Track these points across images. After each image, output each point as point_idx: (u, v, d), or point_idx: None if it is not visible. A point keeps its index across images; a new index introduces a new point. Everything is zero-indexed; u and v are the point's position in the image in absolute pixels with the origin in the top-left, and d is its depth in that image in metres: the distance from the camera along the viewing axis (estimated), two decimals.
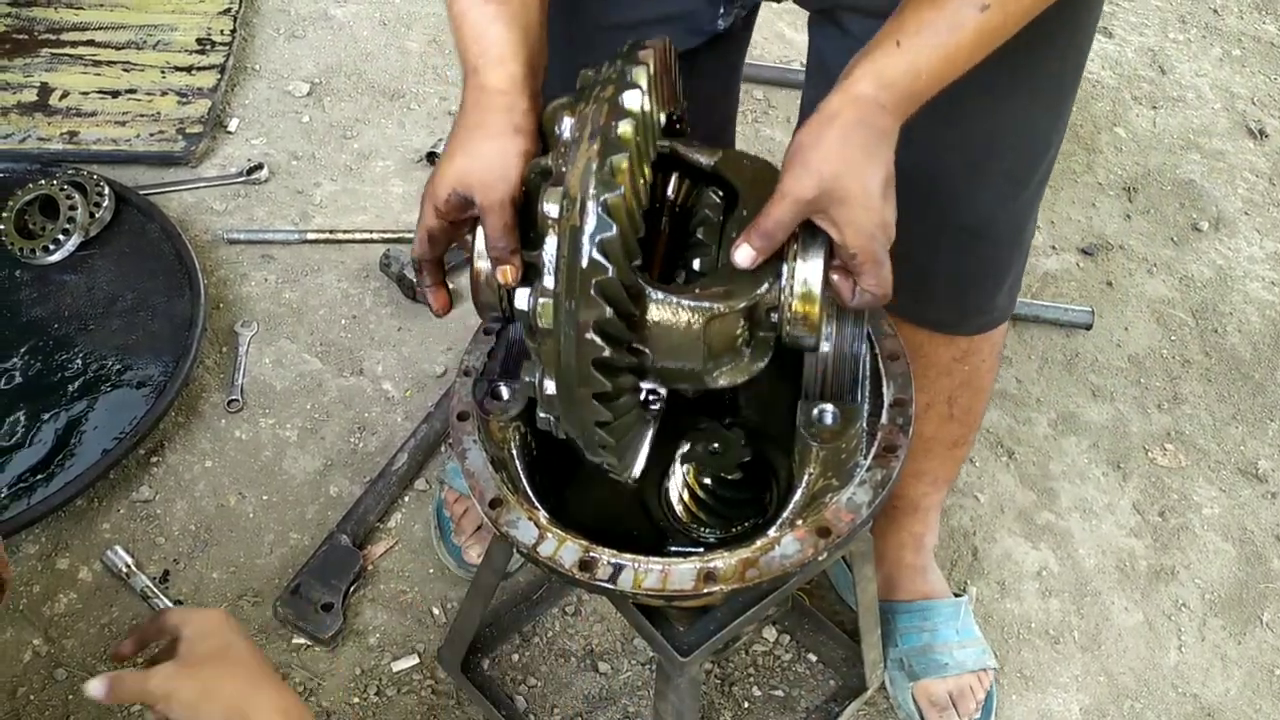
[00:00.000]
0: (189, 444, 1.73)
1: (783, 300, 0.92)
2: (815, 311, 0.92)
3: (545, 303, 0.85)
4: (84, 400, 1.71)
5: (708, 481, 1.13)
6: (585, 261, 0.82)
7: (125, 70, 2.23)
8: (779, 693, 1.54)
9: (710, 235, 0.97)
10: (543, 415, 0.97)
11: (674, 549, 1.15)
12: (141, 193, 2.01)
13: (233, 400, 1.78)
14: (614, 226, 0.82)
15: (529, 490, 1.06)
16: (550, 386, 0.91)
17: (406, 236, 2.05)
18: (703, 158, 0.98)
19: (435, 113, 2.30)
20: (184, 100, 2.20)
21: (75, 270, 1.88)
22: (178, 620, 1.03)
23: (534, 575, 1.60)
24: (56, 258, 1.88)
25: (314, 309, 1.94)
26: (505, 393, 1.06)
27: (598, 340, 0.84)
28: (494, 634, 1.54)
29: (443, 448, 1.76)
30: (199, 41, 2.31)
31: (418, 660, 1.53)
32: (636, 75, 0.88)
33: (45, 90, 2.18)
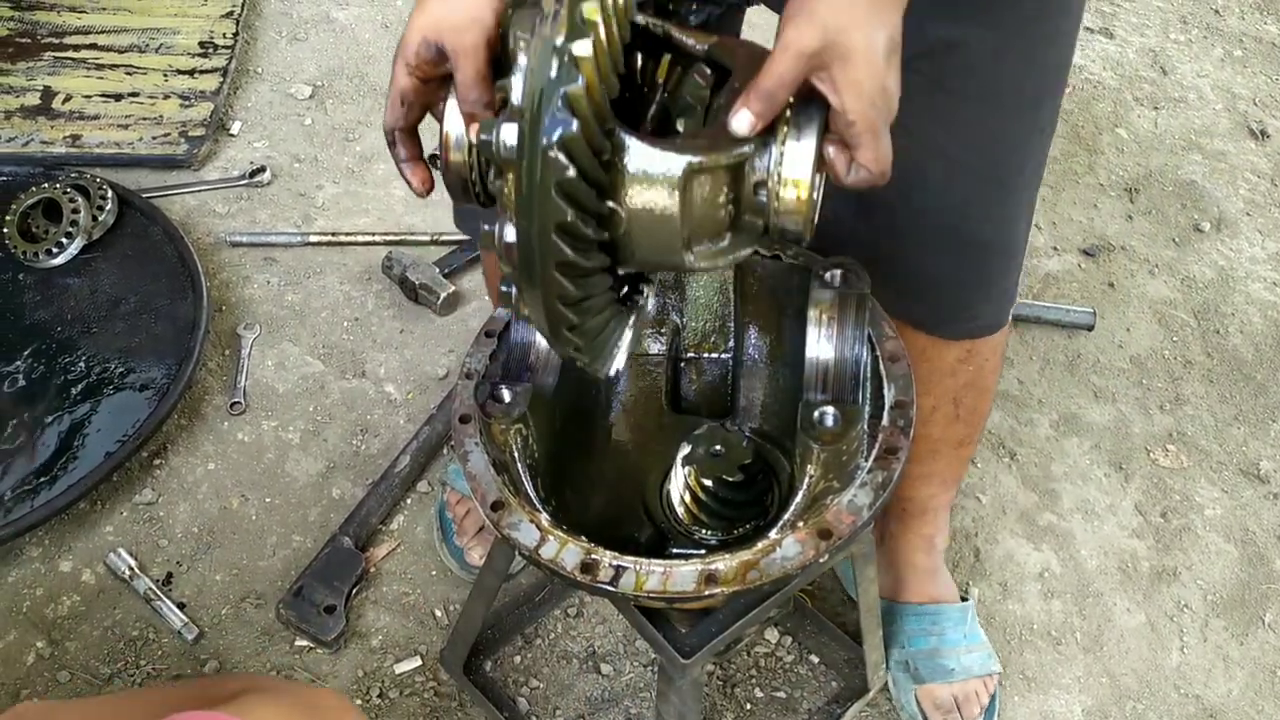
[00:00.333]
0: (192, 446, 1.73)
1: (771, 179, 0.84)
2: (806, 193, 0.84)
3: (510, 127, 0.76)
4: (87, 403, 1.71)
5: (709, 483, 1.13)
6: (555, 72, 0.74)
7: (128, 73, 2.23)
8: (781, 694, 1.54)
9: (698, 104, 0.88)
10: (504, 289, 0.87)
11: (675, 551, 1.15)
12: (144, 196, 2.01)
13: (235, 403, 1.78)
14: (589, 38, 0.73)
15: (531, 493, 1.06)
16: (511, 232, 0.80)
17: (409, 239, 2.05)
18: (696, 41, 0.89)
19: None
20: (186, 103, 2.20)
21: (78, 273, 1.88)
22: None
23: (536, 577, 1.60)
24: (60, 261, 1.88)
25: (316, 311, 1.94)
26: (507, 395, 1.06)
27: (567, 168, 0.75)
28: (496, 636, 1.55)
29: (444, 450, 1.76)
30: (201, 45, 2.31)
31: (420, 662, 1.53)
32: None
33: (48, 94, 2.18)
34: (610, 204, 0.81)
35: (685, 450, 1.16)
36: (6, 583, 1.55)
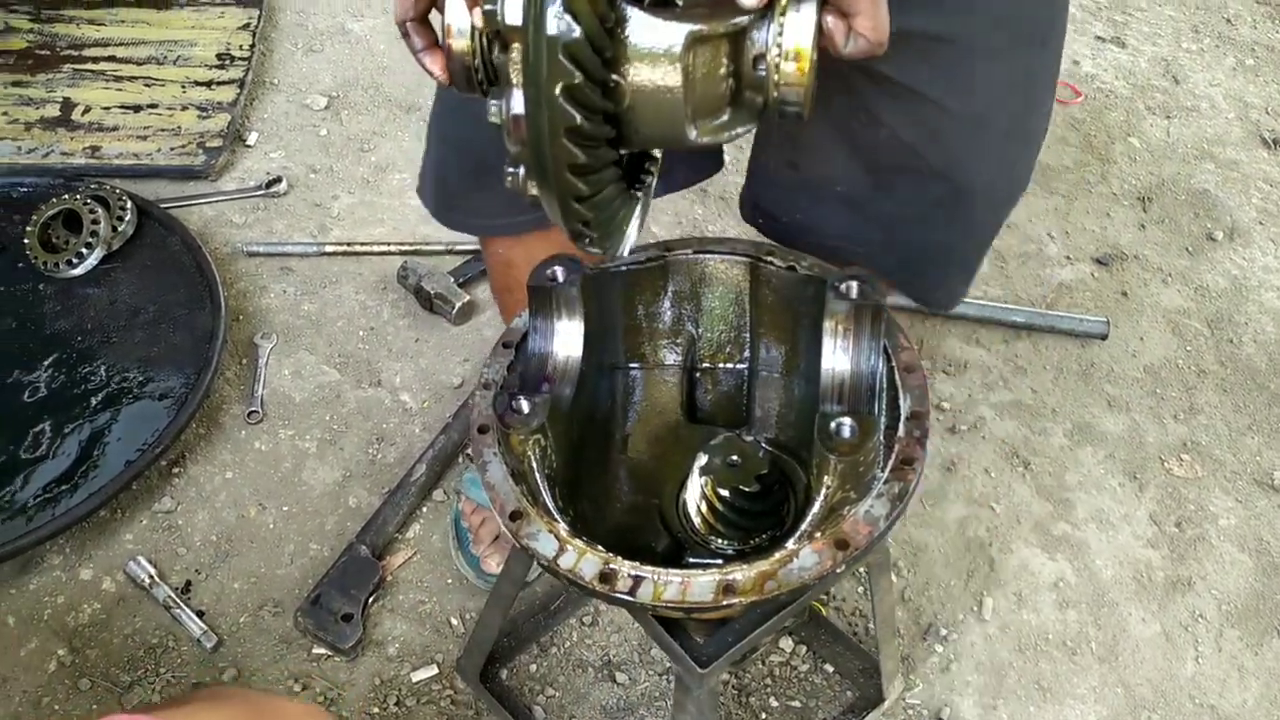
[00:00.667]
0: (210, 455, 1.75)
1: (770, 51, 0.84)
2: (805, 65, 0.84)
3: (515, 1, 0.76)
4: (107, 412, 1.72)
5: (725, 493, 1.14)
6: None
7: (146, 85, 2.26)
8: (796, 704, 1.54)
9: None
10: (509, 171, 0.86)
11: (692, 561, 1.16)
12: (163, 206, 2.03)
13: (253, 411, 1.80)
14: None
15: (549, 502, 1.07)
16: (518, 102, 0.80)
17: (424, 249, 2.07)
18: None
19: None
20: (204, 115, 2.22)
21: (98, 283, 1.90)
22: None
23: (551, 586, 1.61)
24: (79, 271, 1.90)
25: (332, 321, 1.96)
26: (526, 406, 1.07)
27: (573, 30, 0.75)
28: (512, 644, 1.55)
29: (460, 459, 1.77)
30: (219, 56, 2.33)
31: (437, 670, 1.54)
32: None
33: (68, 105, 2.20)
34: (614, 77, 0.81)
35: (702, 460, 1.16)
36: (28, 590, 1.57)
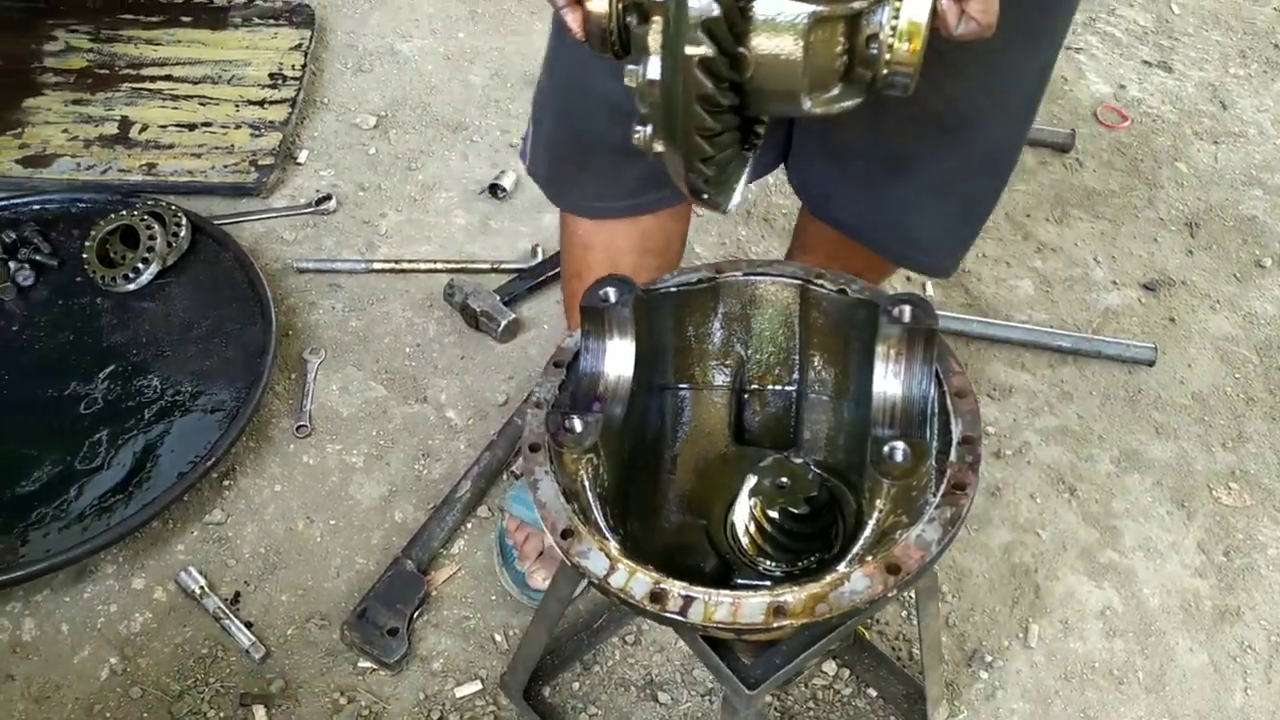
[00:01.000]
0: (259, 468, 1.77)
1: (884, 31, 0.91)
2: (918, 45, 0.91)
3: None
4: (160, 424, 1.76)
5: (775, 515, 1.14)
6: None
7: (201, 104, 2.30)
8: None
9: None
10: (636, 129, 0.94)
11: (741, 582, 1.16)
12: (215, 223, 2.07)
13: (301, 426, 1.82)
14: None
15: (600, 521, 1.08)
16: (655, 69, 0.88)
17: (469, 267, 2.09)
18: None
19: (497, 145, 2.35)
20: (256, 133, 2.26)
21: (153, 298, 1.94)
22: None
23: (595, 603, 1.61)
24: (135, 286, 1.93)
25: (379, 337, 1.98)
26: (579, 425, 1.08)
27: (711, 7, 0.83)
28: (555, 662, 1.56)
29: (504, 476, 1.78)
30: (271, 76, 2.37)
31: (480, 686, 1.55)
32: None
33: (126, 123, 2.25)
34: (741, 50, 0.90)
35: (751, 482, 1.17)
36: (82, 599, 1.60)
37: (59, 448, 1.71)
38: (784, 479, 1.14)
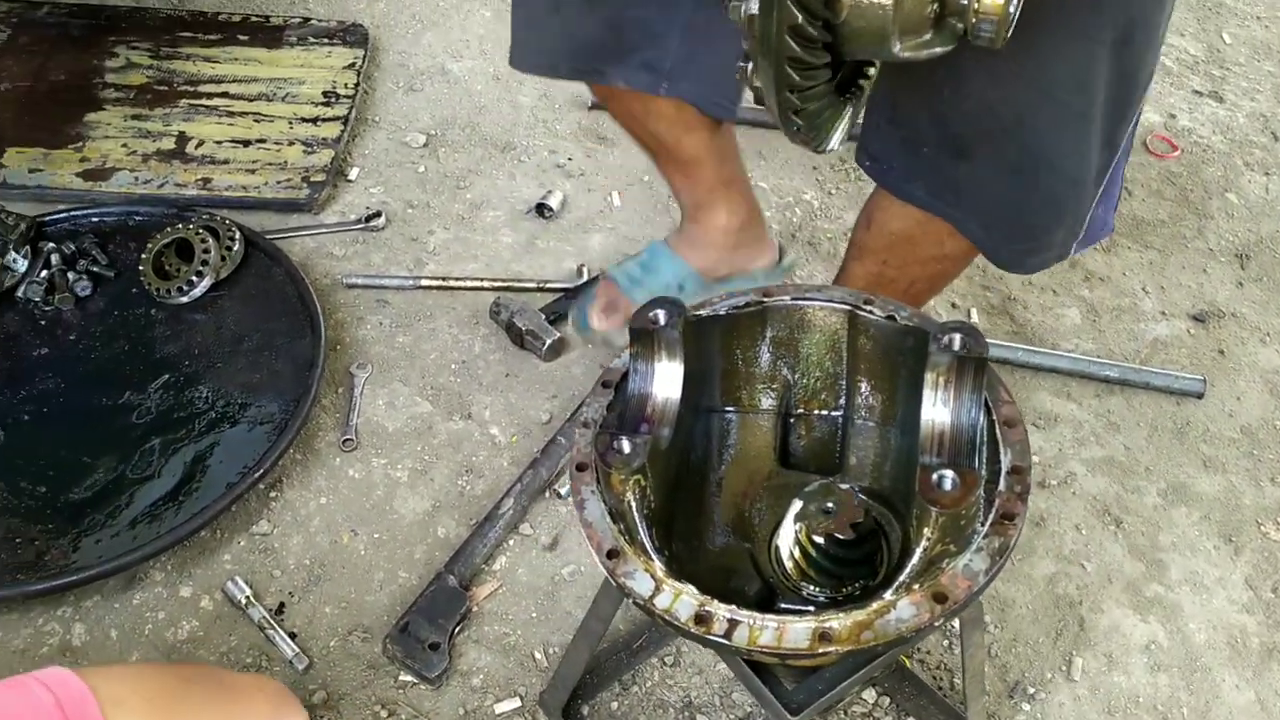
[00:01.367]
0: (305, 480, 1.79)
1: None
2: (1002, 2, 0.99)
3: None
4: (210, 435, 1.78)
5: (820, 540, 1.14)
6: None
7: (256, 121, 2.34)
8: None
9: None
10: (740, 65, 1.02)
11: (784, 606, 1.16)
12: (268, 237, 2.10)
13: (347, 439, 1.85)
14: None
15: (646, 542, 1.09)
16: (755, 3, 0.95)
17: (515, 285, 2.11)
18: None
19: (545, 165, 2.37)
20: (309, 150, 2.30)
21: (205, 310, 1.97)
22: None
23: (635, 623, 1.62)
24: (189, 298, 1.97)
25: (425, 353, 2.00)
26: (627, 446, 1.09)
27: None
28: (594, 681, 1.56)
29: (546, 494, 1.79)
30: (324, 94, 2.42)
31: (520, 703, 1.55)
32: None
33: (183, 139, 2.30)
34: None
35: (797, 506, 1.17)
36: (131, 605, 1.62)
37: (112, 456, 1.75)
38: (830, 504, 1.14)
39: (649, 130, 1.70)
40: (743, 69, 1.03)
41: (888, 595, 1.00)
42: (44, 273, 1.98)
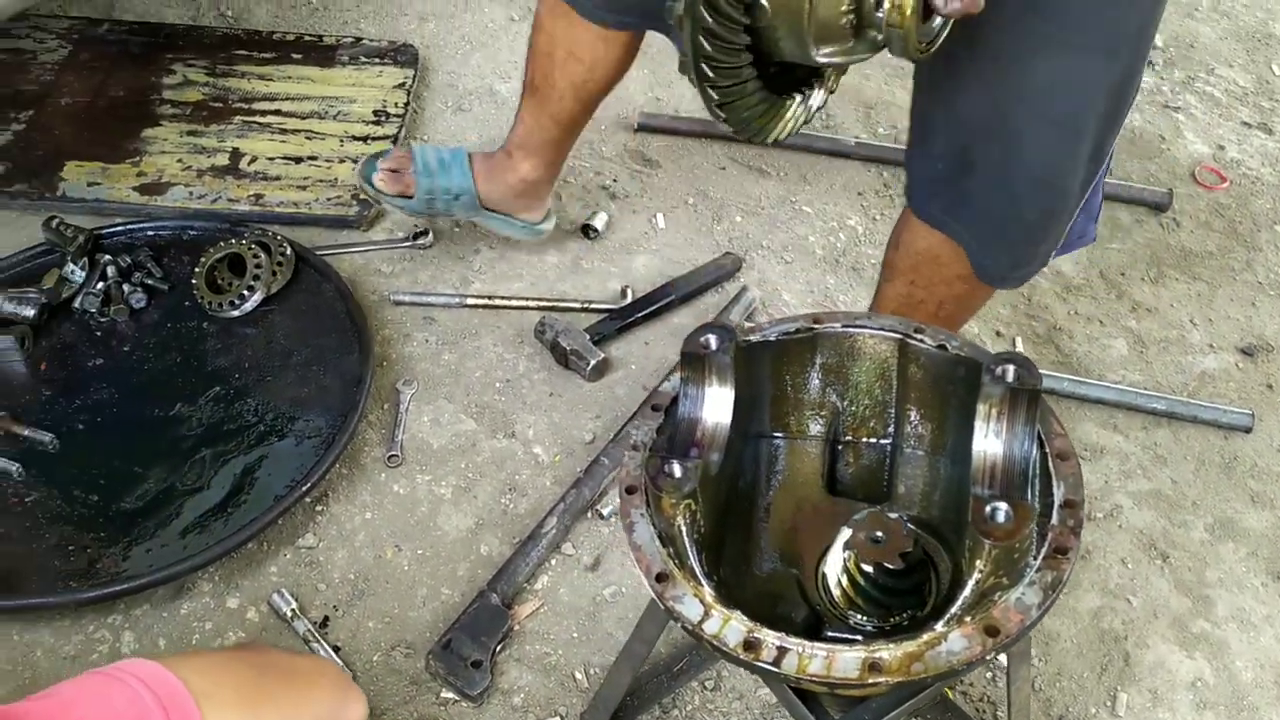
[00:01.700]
0: (351, 495, 1.81)
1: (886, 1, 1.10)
2: (908, 12, 1.09)
3: None
4: (259, 448, 1.81)
5: (869, 569, 1.14)
6: None
7: (308, 138, 2.38)
8: None
9: None
10: (669, 3, 1.15)
11: (831, 634, 1.16)
12: (318, 253, 2.13)
13: (393, 455, 1.86)
14: None
15: (696, 567, 1.09)
16: (681, 4, 1.10)
17: (561, 305, 2.12)
18: None
19: (590, 186, 2.39)
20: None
21: (256, 324, 2.00)
22: None
23: (676, 646, 1.62)
24: (239, 312, 2.00)
25: (471, 371, 2.02)
26: (678, 471, 1.10)
27: None
28: (635, 704, 1.56)
29: (588, 514, 1.79)
30: (375, 113, 2.45)
31: None
32: None
33: (236, 155, 2.33)
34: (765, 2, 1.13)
35: (845, 534, 1.17)
36: (179, 615, 1.64)
37: (163, 466, 1.77)
38: (879, 533, 1.14)
39: (547, 54, 1.84)
40: (670, 7, 1.14)
41: (939, 627, 1.00)
42: (100, 284, 2.02)
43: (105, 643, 1.61)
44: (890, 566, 1.12)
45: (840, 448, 1.32)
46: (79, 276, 2.02)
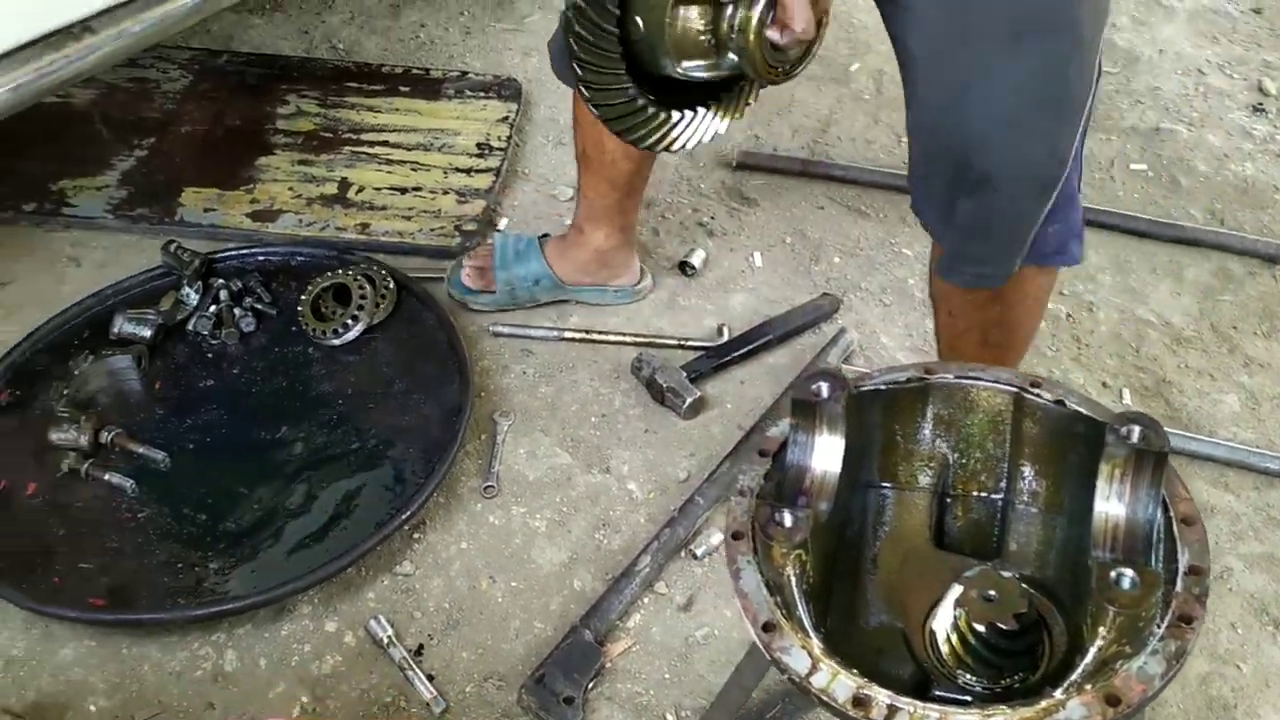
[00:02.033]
0: (447, 524, 1.83)
1: (735, 27, 1.33)
2: (754, 39, 1.33)
3: None
4: (360, 474, 1.84)
5: (981, 629, 1.12)
6: None
7: (413, 170, 2.43)
8: None
9: None
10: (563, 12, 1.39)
11: (938, 693, 1.14)
12: (420, 282, 2.17)
13: (489, 486, 1.88)
14: None
15: (804, 618, 1.08)
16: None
17: (658, 341, 2.13)
18: None
19: (688, 223, 2.40)
20: (462, 199, 2.37)
21: (359, 352, 2.04)
22: None
23: (768, 693, 1.59)
24: (342, 341, 2.04)
25: (567, 405, 2.04)
26: (789, 520, 1.08)
27: None
28: None
29: (682, 553, 1.79)
30: (478, 146, 2.50)
31: None
32: None
33: (345, 184, 2.40)
34: (636, 18, 1.34)
35: (957, 591, 1.15)
36: (279, 636, 1.68)
37: (268, 488, 1.81)
38: (992, 591, 1.11)
39: (591, 122, 1.82)
40: (564, 16, 1.35)
41: (1057, 694, 0.97)
42: (213, 308, 2.08)
43: (209, 660, 1.65)
44: (1003, 626, 1.10)
45: (949, 500, 1.29)
46: (193, 299, 2.08)
